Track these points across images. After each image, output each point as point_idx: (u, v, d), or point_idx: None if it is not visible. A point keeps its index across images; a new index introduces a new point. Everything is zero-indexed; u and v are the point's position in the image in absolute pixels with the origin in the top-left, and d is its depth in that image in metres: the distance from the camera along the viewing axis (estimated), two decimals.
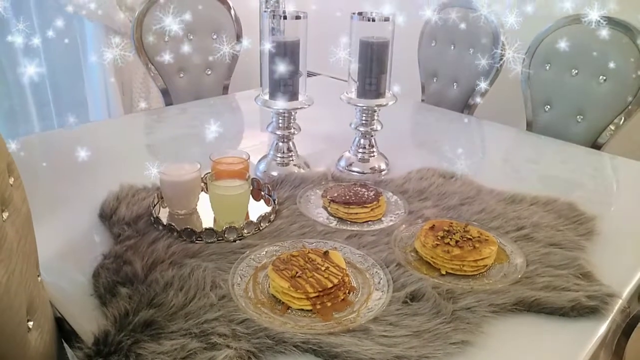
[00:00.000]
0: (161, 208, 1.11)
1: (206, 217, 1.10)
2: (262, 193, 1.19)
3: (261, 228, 1.04)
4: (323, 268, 0.85)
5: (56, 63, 2.49)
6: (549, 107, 1.80)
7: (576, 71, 1.71)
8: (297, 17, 1.21)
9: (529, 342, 0.79)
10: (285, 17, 1.22)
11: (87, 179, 1.29)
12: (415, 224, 1.07)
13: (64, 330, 0.82)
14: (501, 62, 1.89)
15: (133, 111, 2.67)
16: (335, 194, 1.13)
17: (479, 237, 0.95)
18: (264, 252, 0.96)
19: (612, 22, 1.64)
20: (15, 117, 2.48)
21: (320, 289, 0.81)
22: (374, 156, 1.36)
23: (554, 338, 0.80)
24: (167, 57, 1.94)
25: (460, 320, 0.79)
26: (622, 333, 0.88)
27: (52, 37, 2.41)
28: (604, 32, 1.65)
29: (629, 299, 0.89)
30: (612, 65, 1.63)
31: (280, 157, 1.32)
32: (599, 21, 1.66)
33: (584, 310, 0.83)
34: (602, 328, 0.81)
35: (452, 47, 2.01)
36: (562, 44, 1.72)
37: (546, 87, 1.79)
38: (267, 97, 1.26)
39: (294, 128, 1.30)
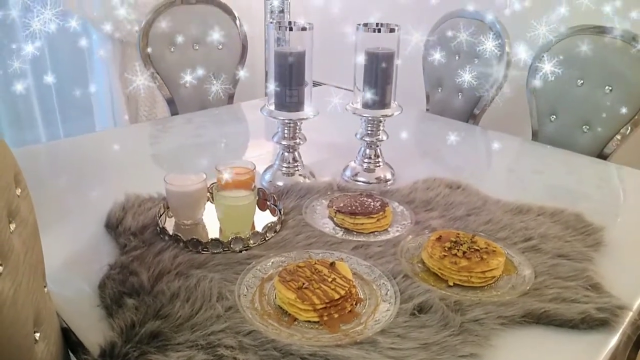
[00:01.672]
0: (167, 218, 1.11)
1: (212, 228, 1.09)
2: (268, 203, 1.19)
3: (267, 238, 1.04)
4: (330, 279, 0.85)
5: (62, 71, 2.51)
6: (554, 117, 1.80)
7: (582, 81, 1.71)
8: (303, 29, 1.22)
9: (538, 355, 0.78)
10: (291, 29, 1.23)
11: (92, 188, 1.29)
12: (421, 234, 1.06)
13: (70, 341, 0.82)
14: (506, 71, 1.89)
15: (139, 121, 2.68)
16: (341, 204, 1.12)
17: (486, 248, 0.95)
18: (270, 263, 0.95)
19: (617, 31, 1.64)
20: (21, 124, 2.49)
21: (327, 301, 0.80)
22: (379, 166, 1.36)
23: (563, 351, 0.79)
24: (172, 67, 1.95)
25: (468, 332, 0.79)
26: (634, 346, 0.87)
27: (59, 45, 2.43)
28: (610, 42, 1.65)
29: None
30: (618, 75, 1.63)
31: (285, 167, 1.32)
32: (604, 31, 1.67)
33: (594, 323, 0.82)
34: (613, 341, 0.80)
35: (457, 57, 2.01)
36: (568, 54, 1.72)
37: (552, 96, 1.79)
38: (272, 107, 1.26)
39: (299, 138, 1.30)
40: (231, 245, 0.99)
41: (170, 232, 1.01)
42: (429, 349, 0.75)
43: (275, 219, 1.10)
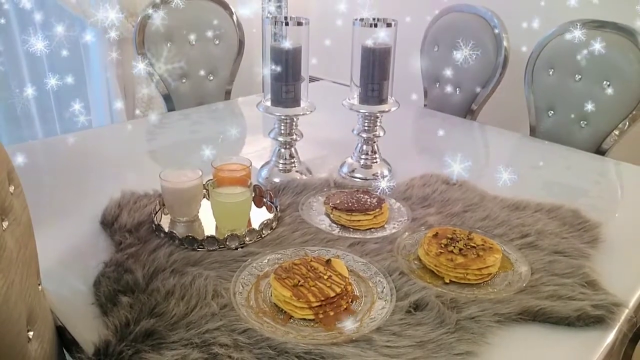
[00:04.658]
0: (163, 215, 1.11)
1: (208, 225, 1.09)
2: (264, 200, 1.18)
3: (263, 235, 1.03)
4: (325, 277, 0.84)
5: (59, 68, 2.50)
6: (552, 112, 1.79)
7: (580, 76, 1.70)
8: (299, 24, 1.21)
9: (535, 353, 0.78)
10: (287, 24, 1.22)
11: (88, 185, 1.29)
12: (418, 231, 1.06)
13: (65, 339, 0.81)
14: (504, 67, 1.89)
15: (135, 117, 2.67)
16: (338, 201, 1.12)
17: (483, 245, 0.94)
18: (266, 260, 0.95)
19: (616, 27, 1.63)
20: (18, 122, 2.48)
21: (322, 298, 0.80)
22: (376, 162, 1.35)
23: (559, 348, 0.79)
24: (169, 63, 1.94)
25: (464, 330, 0.78)
26: (630, 343, 0.87)
27: (55, 41, 2.42)
28: (608, 37, 1.64)
29: (636, 308, 0.88)
30: (615, 70, 1.62)
31: (282, 163, 1.31)
32: (603, 26, 1.66)
33: (589, 320, 0.82)
34: (609, 338, 0.80)
35: (455, 52, 2.00)
36: (566, 49, 1.72)
37: (549, 92, 1.78)
38: (269, 103, 1.26)
39: (296, 134, 1.30)
40: (227, 243, 0.98)
41: (166, 229, 1.01)
42: (425, 346, 0.75)
43: (271, 215, 1.09)
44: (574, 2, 2.02)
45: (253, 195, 1.11)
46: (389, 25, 1.23)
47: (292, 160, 1.32)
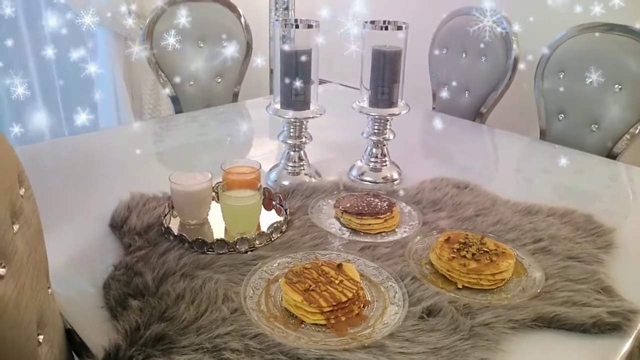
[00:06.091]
0: (172, 218, 1.10)
1: (217, 228, 1.08)
2: (274, 203, 1.17)
3: (273, 239, 1.02)
4: (337, 281, 0.83)
5: (66, 69, 2.50)
6: (562, 116, 1.78)
7: (590, 80, 1.69)
8: (309, 26, 1.20)
9: None
10: (297, 26, 1.21)
11: (97, 187, 1.28)
12: (429, 235, 1.05)
13: (74, 343, 0.81)
14: (513, 70, 1.87)
15: (143, 118, 2.68)
16: (348, 205, 1.11)
17: (495, 249, 0.93)
18: (276, 264, 0.94)
19: (627, 30, 1.62)
20: (25, 122, 2.49)
21: (334, 303, 0.79)
22: (386, 165, 1.34)
23: (575, 356, 0.78)
24: (177, 65, 1.94)
25: (478, 336, 0.77)
26: None
27: (62, 43, 2.42)
28: (619, 40, 1.63)
29: None
30: (627, 73, 1.61)
31: (291, 166, 1.30)
32: (614, 29, 1.64)
33: (605, 327, 0.80)
34: (626, 345, 0.79)
35: (464, 55, 1.99)
36: (576, 52, 1.70)
37: (560, 95, 1.77)
38: (278, 106, 1.25)
39: (305, 137, 1.29)
40: (237, 246, 0.98)
41: (175, 232, 1.00)
42: (439, 353, 0.74)
43: (281, 219, 1.08)
44: (584, 6, 2.01)
45: (262, 198, 1.10)
46: (399, 28, 1.22)
47: (302, 163, 1.31)
